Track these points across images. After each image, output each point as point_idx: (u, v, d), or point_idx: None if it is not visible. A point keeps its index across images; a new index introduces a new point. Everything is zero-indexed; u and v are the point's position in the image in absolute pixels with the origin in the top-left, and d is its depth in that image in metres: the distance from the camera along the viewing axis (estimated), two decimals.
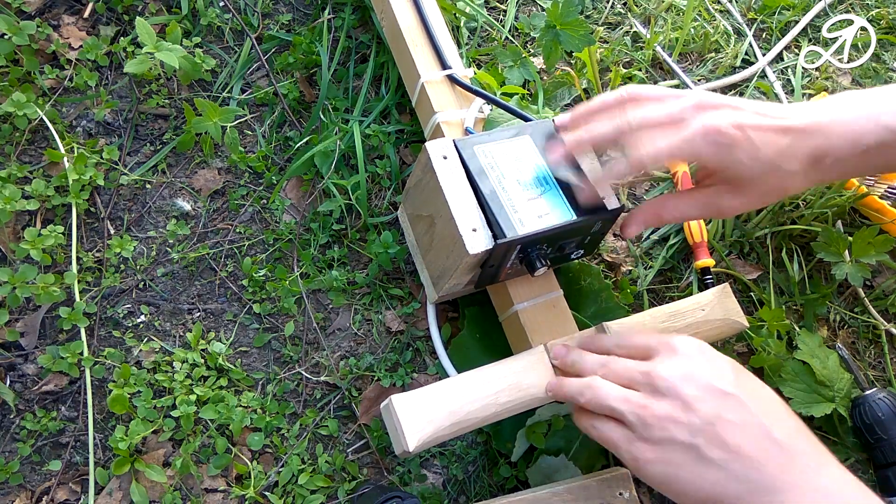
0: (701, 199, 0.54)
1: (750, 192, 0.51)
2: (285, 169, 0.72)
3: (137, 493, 0.60)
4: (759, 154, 0.49)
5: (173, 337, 0.66)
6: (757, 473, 0.41)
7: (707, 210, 0.54)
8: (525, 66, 0.74)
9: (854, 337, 0.72)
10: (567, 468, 0.60)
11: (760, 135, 0.49)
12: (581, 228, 0.54)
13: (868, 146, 0.50)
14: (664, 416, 0.44)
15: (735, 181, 0.51)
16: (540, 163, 0.55)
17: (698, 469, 0.42)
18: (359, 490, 0.62)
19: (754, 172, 0.50)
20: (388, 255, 0.66)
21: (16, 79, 0.69)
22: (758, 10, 0.86)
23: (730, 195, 0.52)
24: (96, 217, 0.68)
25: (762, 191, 0.51)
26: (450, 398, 0.52)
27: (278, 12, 0.77)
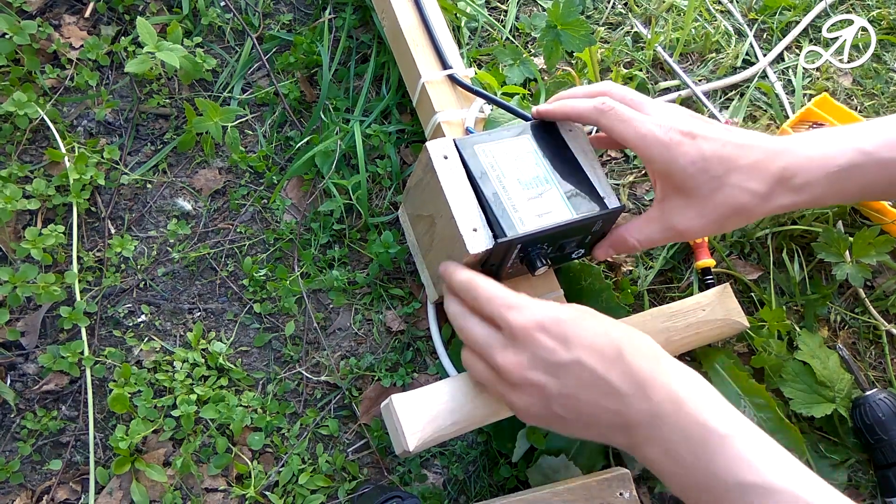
0: (656, 216, 0.53)
1: (700, 205, 0.50)
2: (286, 169, 0.72)
3: (138, 493, 0.60)
4: (705, 164, 0.49)
5: (174, 336, 0.66)
6: (599, 422, 0.44)
7: (665, 229, 0.53)
8: (525, 65, 0.74)
9: (854, 337, 0.72)
10: (567, 468, 0.60)
11: (710, 144, 0.49)
12: (581, 227, 0.54)
13: (840, 167, 0.49)
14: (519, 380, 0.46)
15: (682, 190, 0.51)
16: (540, 162, 0.55)
17: (551, 417, 0.46)
18: (359, 490, 0.62)
19: (699, 182, 0.49)
20: (388, 254, 0.66)
21: (17, 78, 0.69)
22: (758, 10, 0.86)
23: (682, 208, 0.51)
24: (97, 217, 0.68)
25: (715, 208, 0.50)
26: (450, 398, 0.52)
27: (279, 12, 0.77)
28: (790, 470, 0.39)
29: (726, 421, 0.41)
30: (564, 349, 0.44)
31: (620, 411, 0.43)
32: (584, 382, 0.43)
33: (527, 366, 0.45)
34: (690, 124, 0.50)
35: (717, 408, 0.41)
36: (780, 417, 0.62)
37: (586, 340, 0.44)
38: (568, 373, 0.44)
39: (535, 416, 0.47)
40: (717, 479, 0.39)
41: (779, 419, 0.61)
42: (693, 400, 0.41)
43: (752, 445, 0.40)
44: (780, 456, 0.40)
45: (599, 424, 0.44)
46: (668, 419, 0.41)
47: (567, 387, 0.44)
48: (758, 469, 0.39)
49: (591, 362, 0.43)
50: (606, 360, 0.43)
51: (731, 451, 0.39)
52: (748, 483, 0.38)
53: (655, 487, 0.65)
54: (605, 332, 0.45)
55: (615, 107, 0.52)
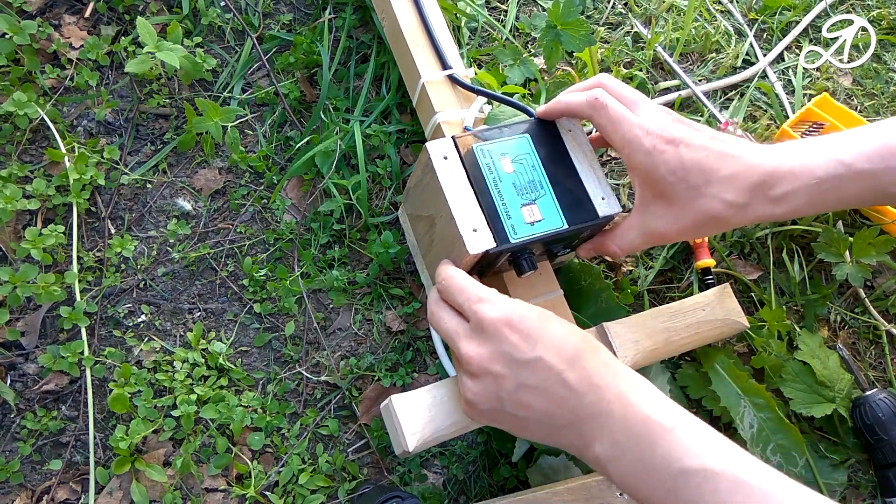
0: (636, 223, 0.54)
1: (677, 211, 0.51)
2: (286, 169, 0.72)
3: (138, 493, 0.60)
4: (684, 174, 0.50)
5: (174, 336, 0.66)
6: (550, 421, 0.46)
7: (644, 234, 0.54)
8: (526, 65, 0.74)
9: (854, 337, 0.72)
10: (567, 468, 0.60)
11: (691, 153, 0.50)
12: (571, 235, 0.54)
13: (819, 178, 0.49)
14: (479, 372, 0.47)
15: (662, 197, 0.51)
16: (537, 165, 0.55)
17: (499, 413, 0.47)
18: (359, 490, 0.62)
19: (677, 190, 0.50)
20: (388, 254, 0.66)
21: (17, 78, 0.69)
22: (759, 10, 0.86)
23: (660, 214, 0.52)
24: (97, 216, 0.68)
25: (692, 215, 0.51)
26: (450, 398, 0.52)
27: (279, 12, 0.77)
28: (730, 455, 0.41)
29: (669, 414, 0.43)
30: (528, 346, 0.45)
31: (571, 410, 0.44)
32: (541, 380, 0.45)
33: (488, 358, 0.46)
34: (676, 131, 0.51)
35: (660, 404, 0.44)
36: (780, 417, 0.62)
37: (549, 340, 0.46)
38: (527, 369, 0.45)
39: (483, 410, 0.48)
40: (662, 467, 0.41)
41: (779, 419, 0.61)
42: (638, 398, 0.44)
43: (693, 434, 0.42)
44: (720, 443, 0.42)
45: (551, 423, 0.45)
46: (615, 416, 0.43)
47: (524, 383, 0.45)
48: (699, 455, 0.40)
49: (551, 361, 0.45)
50: (565, 362, 0.45)
51: (674, 441, 0.41)
52: (690, 469, 0.40)
53: None
54: (567, 335, 0.46)
55: (608, 104, 0.52)
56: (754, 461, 0.41)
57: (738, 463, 0.40)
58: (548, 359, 0.45)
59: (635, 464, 0.42)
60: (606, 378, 0.45)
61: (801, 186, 0.50)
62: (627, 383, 0.45)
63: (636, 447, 0.42)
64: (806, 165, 0.50)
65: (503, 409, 0.47)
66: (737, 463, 0.40)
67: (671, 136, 0.50)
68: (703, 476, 0.40)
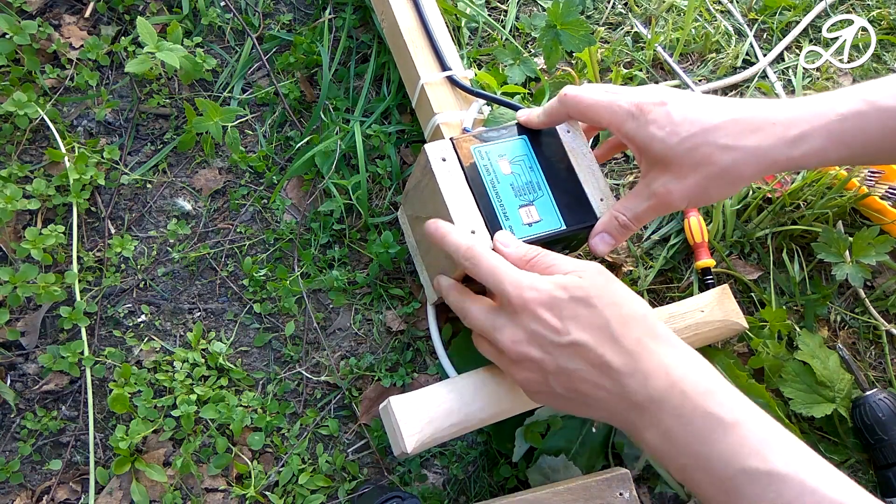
0: (641, 188, 0.51)
1: (677, 169, 0.48)
2: (286, 169, 0.72)
3: (138, 493, 0.60)
4: (674, 128, 0.47)
5: (174, 336, 0.66)
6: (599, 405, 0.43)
7: (649, 197, 0.50)
8: (526, 64, 0.74)
9: (854, 337, 0.72)
10: (567, 468, 0.60)
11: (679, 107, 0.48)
12: (569, 236, 0.54)
13: (841, 115, 0.47)
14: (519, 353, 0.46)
15: (660, 160, 0.49)
16: (535, 166, 0.55)
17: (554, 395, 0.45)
18: (359, 490, 0.62)
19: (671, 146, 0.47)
20: (388, 255, 0.66)
21: (17, 78, 0.69)
22: (759, 10, 0.86)
23: (661, 175, 0.49)
24: (97, 216, 0.68)
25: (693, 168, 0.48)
26: (449, 399, 0.52)
27: (279, 12, 0.77)
28: (796, 456, 0.38)
29: (731, 408, 0.39)
30: (561, 328, 0.43)
31: (619, 393, 0.42)
32: (580, 362, 0.43)
33: (524, 342, 0.45)
34: (661, 94, 0.49)
35: (720, 393, 0.40)
36: (780, 417, 0.62)
37: (583, 322, 0.43)
38: (564, 352, 0.43)
39: (538, 393, 0.46)
40: (721, 466, 0.38)
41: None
42: (694, 385, 0.40)
43: (757, 432, 0.39)
44: (786, 442, 0.38)
45: (599, 406, 0.43)
46: (668, 405, 0.40)
47: (564, 365, 0.43)
48: (763, 456, 0.37)
49: (587, 342, 0.42)
50: (606, 342, 0.42)
51: (736, 438, 0.38)
52: (752, 470, 0.37)
53: (656, 487, 0.65)
54: (602, 314, 0.43)
55: (578, 92, 0.51)
56: (824, 465, 0.38)
57: (807, 466, 0.37)
58: (585, 341, 0.42)
59: (691, 459, 0.39)
60: (655, 360, 0.41)
61: (822, 125, 0.47)
62: (681, 366, 0.41)
63: (694, 442, 0.39)
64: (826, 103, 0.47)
65: (555, 392, 0.45)
66: (805, 466, 0.37)
67: (658, 99, 0.49)
68: (768, 479, 0.37)
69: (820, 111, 0.47)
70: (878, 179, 0.73)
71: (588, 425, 0.63)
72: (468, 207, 0.51)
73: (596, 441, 0.63)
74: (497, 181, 0.53)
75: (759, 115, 0.48)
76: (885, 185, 0.72)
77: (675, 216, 0.74)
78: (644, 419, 0.41)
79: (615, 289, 0.45)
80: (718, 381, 0.41)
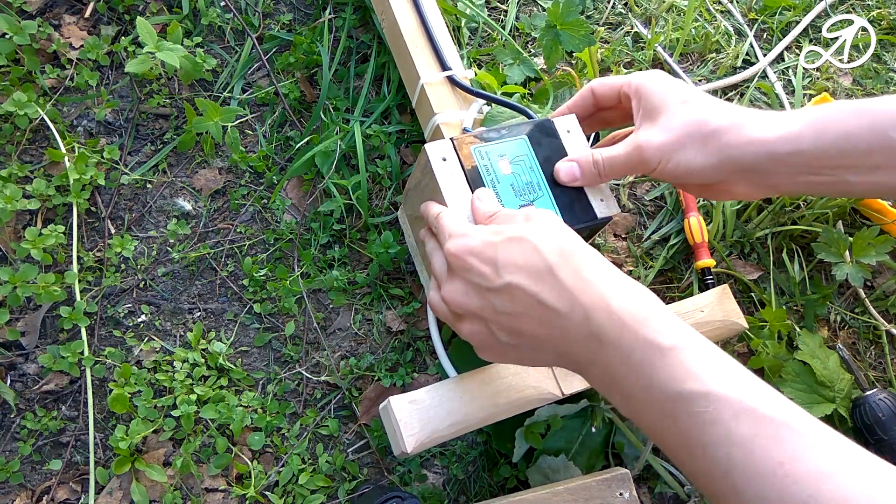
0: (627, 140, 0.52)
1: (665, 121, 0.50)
2: (286, 169, 0.72)
3: (138, 493, 0.60)
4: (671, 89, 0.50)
5: (174, 336, 0.66)
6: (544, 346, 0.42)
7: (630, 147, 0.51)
8: (526, 64, 0.74)
9: (854, 337, 0.72)
10: (567, 468, 0.60)
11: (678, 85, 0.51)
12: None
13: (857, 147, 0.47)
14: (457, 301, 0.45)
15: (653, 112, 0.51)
16: (535, 166, 0.55)
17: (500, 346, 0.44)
18: (359, 490, 0.62)
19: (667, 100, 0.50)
20: (388, 254, 0.66)
21: (17, 78, 0.69)
22: (759, 10, 0.86)
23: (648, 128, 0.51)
24: (97, 216, 0.68)
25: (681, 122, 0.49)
26: (448, 399, 0.52)
27: (279, 12, 0.77)
28: (736, 378, 0.37)
29: (668, 333, 0.38)
30: (494, 273, 0.42)
31: (561, 333, 0.41)
32: (518, 304, 0.41)
33: (461, 293, 0.44)
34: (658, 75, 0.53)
35: (658, 320, 0.39)
36: None
37: (517, 261, 0.42)
38: (501, 296, 0.42)
39: (484, 346, 0.45)
40: (659, 391, 0.37)
41: None
42: (634, 314, 0.39)
43: (695, 356, 0.38)
44: (724, 364, 0.38)
45: (545, 349, 0.42)
46: (608, 337, 0.39)
47: (503, 310, 0.42)
48: (701, 378, 0.36)
49: (522, 283, 0.41)
50: (538, 279, 0.41)
51: (673, 362, 0.37)
52: (690, 392, 0.36)
53: (655, 487, 0.65)
54: (537, 248, 0.42)
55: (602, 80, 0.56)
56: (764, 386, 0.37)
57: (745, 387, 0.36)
58: (517, 281, 0.41)
59: (633, 389, 0.39)
60: (590, 291, 0.40)
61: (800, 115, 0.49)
62: (618, 296, 0.40)
63: (633, 371, 0.38)
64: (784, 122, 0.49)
65: (500, 342, 0.44)
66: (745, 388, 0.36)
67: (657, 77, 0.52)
68: (706, 400, 0.36)
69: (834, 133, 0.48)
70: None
71: (588, 425, 0.63)
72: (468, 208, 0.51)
73: (596, 441, 0.63)
74: (497, 181, 0.53)
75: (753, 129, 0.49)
76: None
77: (676, 216, 0.74)
78: (588, 355, 0.41)
79: (556, 226, 0.44)
80: (656, 308, 0.40)
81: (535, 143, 0.56)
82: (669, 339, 0.38)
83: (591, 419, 0.63)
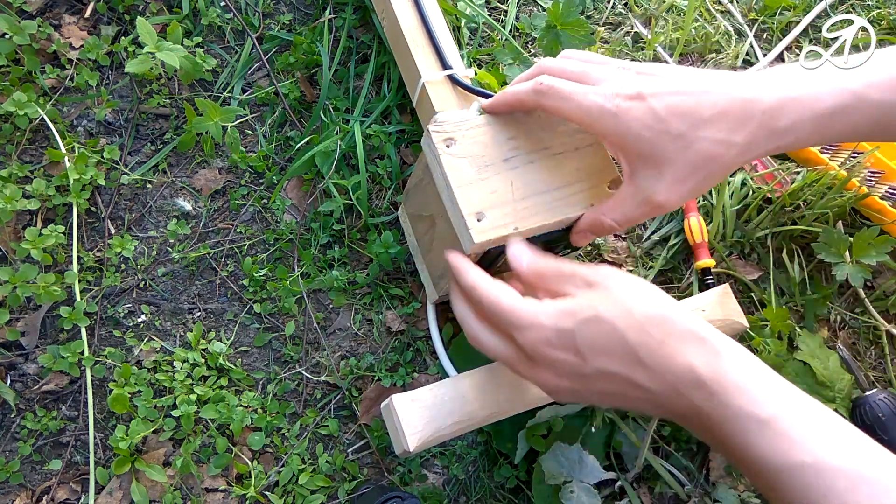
0: (630, 193, 0.47)
1: (672, 171, 0.45)
2: (286, 169, 0.72)
3: (138, 493, 0.60)
4: (663, 126, 0.44)
5: (174, 336, 0.66)
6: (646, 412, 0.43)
7: (642, 203, 0.47)
8: (526, 63, 0.74)
9: (855, 338, 0.72)
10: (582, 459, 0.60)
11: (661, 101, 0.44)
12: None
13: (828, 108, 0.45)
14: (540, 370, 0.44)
15: (648, 160, 0.45)
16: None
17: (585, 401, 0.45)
18: (359, 490, 0.62)
19: (662, 147, 0.44)
20: (388, 254, 0.66)
21: (17, 78, 0.69)
22: (759, 10, 0.86)
23: (654, 179, 0.46)
24: (97, 217, 0.68)
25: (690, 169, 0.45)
26: (450, 398, 0.52)
27: (279, 12, 0.77)
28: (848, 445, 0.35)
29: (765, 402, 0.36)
30: (582, 361, 0.41)
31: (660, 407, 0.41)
32: (614, 386, 0.41)
33: (552, 378, 0.43)
34: (636, 84, 0.45)
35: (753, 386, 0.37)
36: None
37: (600, 345, 0.41)
38: (595, 381, 0.42)
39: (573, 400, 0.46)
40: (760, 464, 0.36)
41: None
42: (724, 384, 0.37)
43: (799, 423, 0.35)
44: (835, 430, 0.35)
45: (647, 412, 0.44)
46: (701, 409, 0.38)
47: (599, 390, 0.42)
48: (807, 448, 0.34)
49: (613, 369, 0.41)
50: (626, 363, 0.40)
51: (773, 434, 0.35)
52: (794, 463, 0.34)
53: (655, 487, 0.65)
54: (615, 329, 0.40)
55: (553, 84, 0.47)
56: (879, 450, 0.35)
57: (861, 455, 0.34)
58: (607, 367, 0.41)
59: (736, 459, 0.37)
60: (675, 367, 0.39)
61: (809, 118, 0.45)
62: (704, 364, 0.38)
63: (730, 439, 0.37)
64: (813, 95, 0.45)
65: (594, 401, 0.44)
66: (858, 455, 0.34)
67: (634, 91, 0.45)
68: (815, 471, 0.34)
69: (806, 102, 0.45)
70: (878, 179, 0.73)
71: (588, 425, 0.63)
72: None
73: (596, 441, 0.63)
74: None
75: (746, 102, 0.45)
76: (885, 185, 0.72)
77: (676, 216, 0.74)
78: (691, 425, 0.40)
79: (625, 292, 0.42)
80: (750, 373, 0.38)
81: None
82: (767, 407, 0.36)
83: (591, 419, 0.63)
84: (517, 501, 0.64)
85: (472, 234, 0.48)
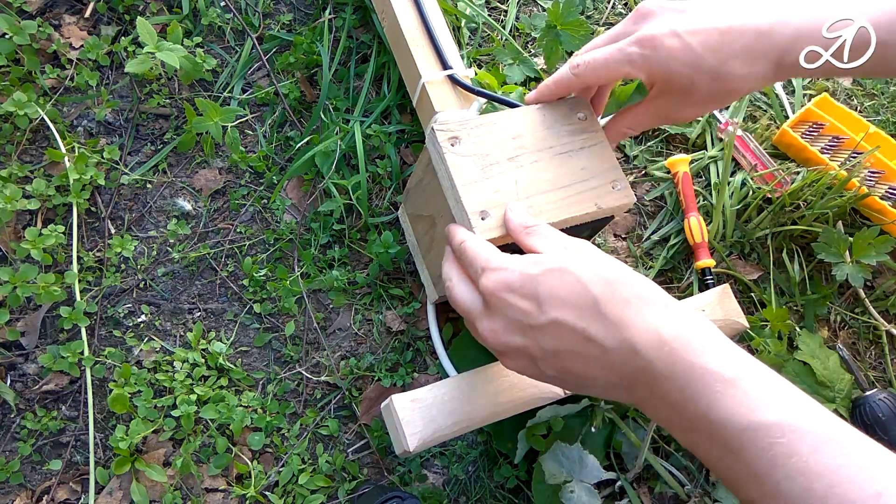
0: (653, 109, 0.52)
1: (698, 98, 0.49)
2: (286, 169, 0.72)
3: (138, 493, 0.60)
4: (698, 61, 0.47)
5: (174, 336, 0.66)
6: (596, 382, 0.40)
7: (661, 119, 0.53)
8: (526, 63, 0.74)
9: (854, 338, 0.72)
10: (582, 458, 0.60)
11: (696, 38, 0.47)
12: (579, 225, 0.54)
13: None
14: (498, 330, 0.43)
15: (681, 91, 0.49)
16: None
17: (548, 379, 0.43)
18: (359, 490, 0.62)
19: (695, 80, 0.48)
20: (388, 255, 0.66)
21: (17, 78, 0.69)
22: None
23: (680, 104, 0.50)
24: (97, 217, 0.68)
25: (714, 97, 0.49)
26: (450, 398, 0.52)
27: (279, 12, 0.77)
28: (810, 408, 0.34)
29: (730, 363, 0.36)
30: (537, 309, 0.40)
31: (612, 369, 0.39)
32: (565, 342, 0.39)
33: (503, 331, 0.42)
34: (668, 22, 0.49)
35: (716, 349, 0.37)
36: None
37: (560, 294, 0.39)
38: (546, 334, 0.40)
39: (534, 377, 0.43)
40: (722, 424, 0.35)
41: None
42: (688, 344, 0.37)
43: (762, 385, 0.35)
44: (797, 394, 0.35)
45: (596, 384, 0.40)
46: (659, 371, 0.37)
47: (549, 348, 0.40)
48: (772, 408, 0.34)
49: (567, 319, 0.39)
50: (584, 315, 0.39)
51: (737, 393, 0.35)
52: (759, 423, 0.34)
53: (655, 487, 0.65)
54: (580, 280, 0.39)
55: (587, 57, 0.51)
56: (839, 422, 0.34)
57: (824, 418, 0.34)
58: (562, 317, 0.39)
59: (694, 423, 0.36)
60: (638, 322, 0.38)
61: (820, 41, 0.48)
62: (669, 324, 0.38)
63: (691, 403, 0.36)
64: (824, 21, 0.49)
65: (547, 374, 0.42)
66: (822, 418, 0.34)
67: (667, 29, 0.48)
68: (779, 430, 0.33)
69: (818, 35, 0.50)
70: (878, 179, 0.73)
71: (588, 425, 0.63)
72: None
73: (596, 441, 0.63)
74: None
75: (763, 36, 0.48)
76: (885, 185, 0.72)
77: (676, 216, 0.74)
78: (641, 389, 0.38)
79: (599, 257, 0.42)
80: (713, 337, 0.38)
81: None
82: (731, 368, 0.36)
83: (591, 419, 0.63)
84: (517, 501, 0.64)
85: (476, 232, 0.48)
